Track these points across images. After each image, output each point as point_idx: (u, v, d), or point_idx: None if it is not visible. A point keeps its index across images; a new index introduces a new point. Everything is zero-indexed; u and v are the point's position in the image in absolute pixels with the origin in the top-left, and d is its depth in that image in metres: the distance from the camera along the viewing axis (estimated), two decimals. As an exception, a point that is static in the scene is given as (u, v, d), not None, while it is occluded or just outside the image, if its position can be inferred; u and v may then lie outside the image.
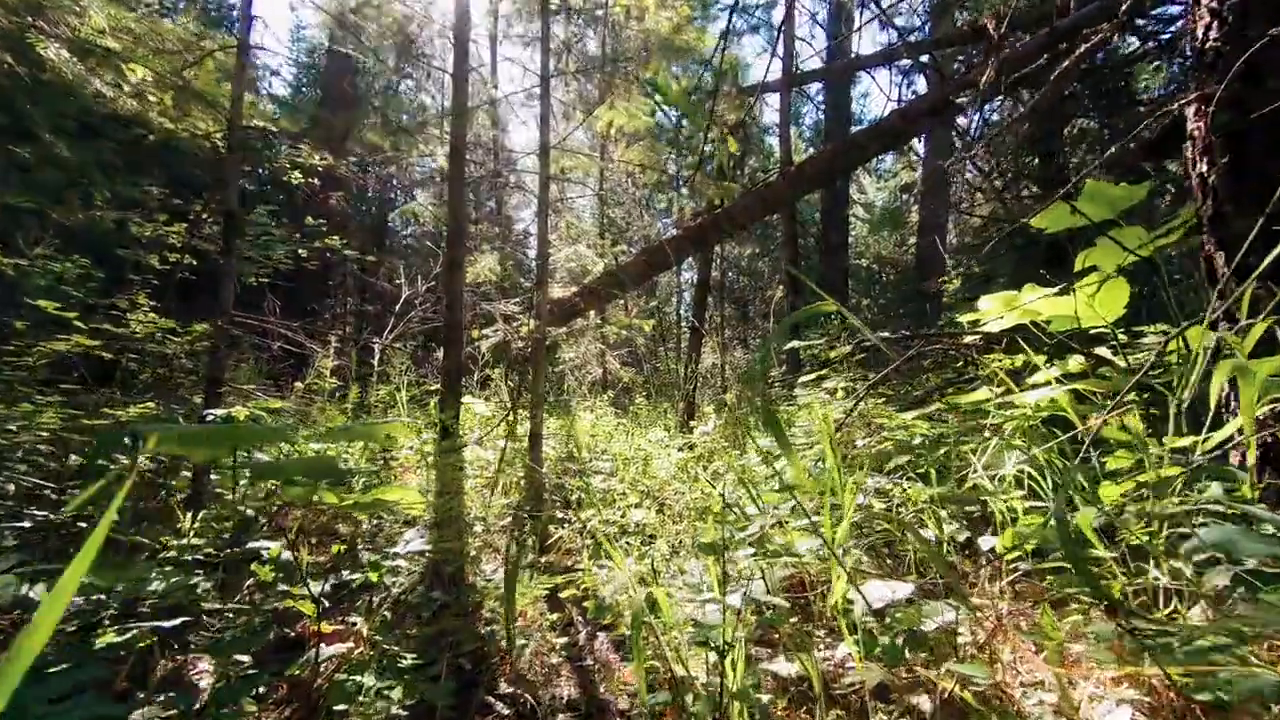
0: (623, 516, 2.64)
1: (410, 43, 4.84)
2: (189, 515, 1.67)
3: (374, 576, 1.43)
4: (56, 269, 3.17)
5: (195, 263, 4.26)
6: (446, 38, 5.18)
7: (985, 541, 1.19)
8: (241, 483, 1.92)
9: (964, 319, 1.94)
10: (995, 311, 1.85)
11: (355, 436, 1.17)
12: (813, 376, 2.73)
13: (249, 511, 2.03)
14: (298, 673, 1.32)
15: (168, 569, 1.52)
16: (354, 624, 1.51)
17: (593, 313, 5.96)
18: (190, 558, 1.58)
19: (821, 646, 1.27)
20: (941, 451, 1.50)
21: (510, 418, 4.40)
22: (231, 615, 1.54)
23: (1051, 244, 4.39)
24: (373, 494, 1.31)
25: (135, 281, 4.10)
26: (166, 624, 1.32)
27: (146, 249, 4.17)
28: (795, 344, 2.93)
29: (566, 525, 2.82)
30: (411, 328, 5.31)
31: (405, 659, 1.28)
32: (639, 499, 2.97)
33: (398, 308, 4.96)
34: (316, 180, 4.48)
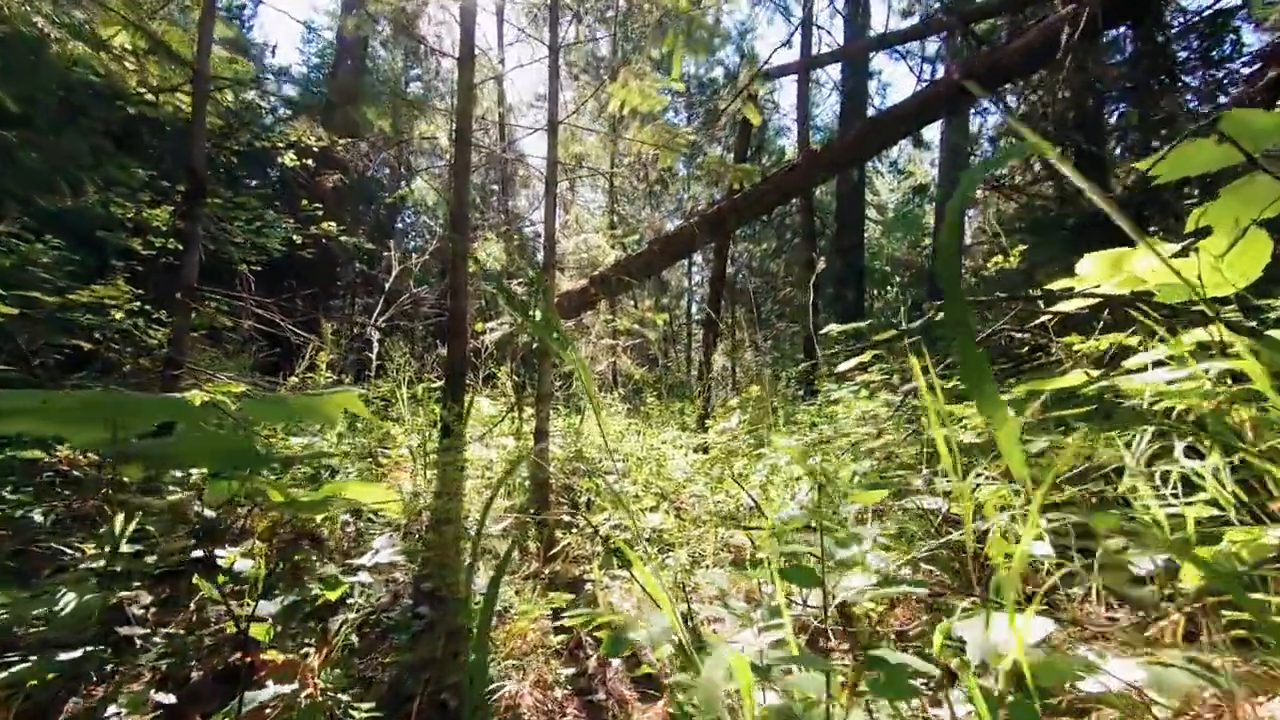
0: (636, 521, 2.33)
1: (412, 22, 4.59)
2: (119, 519, 1.38)
3: (331, 595, 1.12)
4: (23, 249, 2.93)
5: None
6: (452, 16, 4.93)
7: (1147, 565, 0.86)
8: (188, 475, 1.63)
9: (1053, 286, 1.62)
10: (1097, 276, 1.53)
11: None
12: (852, 363, 2.40)
13: (209, 513, 1.74)
14: (227, 722, 1.02)
15: (87, 584, 1.23)
16: (308, 654, 1.22)
17: (604, 305, 5.67)
18: (114, 569, 1.29)
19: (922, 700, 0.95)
20: (1095, 441, 1.17)
21: (515, 414, 4.11)
22: (161, 641, 1.25)
23: (1107, 224, 4.04)
24: (324, 490, 1.01)
25: (119, 267, 3.85)
26: (62, 655, 1.04)
27: (131, 233, 3.92)
28: (833, 328, 2.60)
29: (574, 530, 2.52)
30: (405, 307, 5.02)
31: (358, 710, 0.98)
32: (655, 502, 2.66)
33: (388, 285, 4.68)
34: (311, 161, 4.22)
